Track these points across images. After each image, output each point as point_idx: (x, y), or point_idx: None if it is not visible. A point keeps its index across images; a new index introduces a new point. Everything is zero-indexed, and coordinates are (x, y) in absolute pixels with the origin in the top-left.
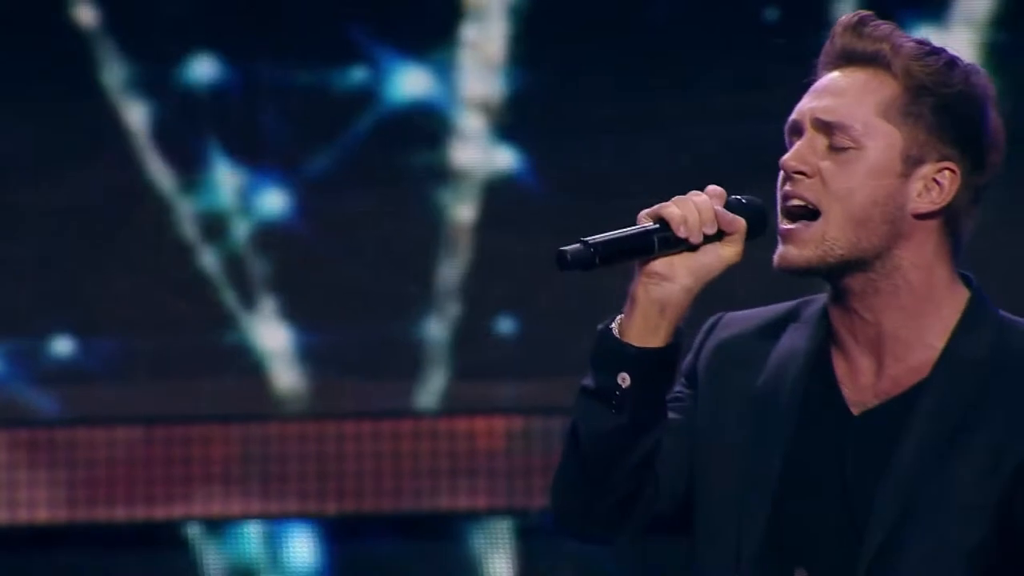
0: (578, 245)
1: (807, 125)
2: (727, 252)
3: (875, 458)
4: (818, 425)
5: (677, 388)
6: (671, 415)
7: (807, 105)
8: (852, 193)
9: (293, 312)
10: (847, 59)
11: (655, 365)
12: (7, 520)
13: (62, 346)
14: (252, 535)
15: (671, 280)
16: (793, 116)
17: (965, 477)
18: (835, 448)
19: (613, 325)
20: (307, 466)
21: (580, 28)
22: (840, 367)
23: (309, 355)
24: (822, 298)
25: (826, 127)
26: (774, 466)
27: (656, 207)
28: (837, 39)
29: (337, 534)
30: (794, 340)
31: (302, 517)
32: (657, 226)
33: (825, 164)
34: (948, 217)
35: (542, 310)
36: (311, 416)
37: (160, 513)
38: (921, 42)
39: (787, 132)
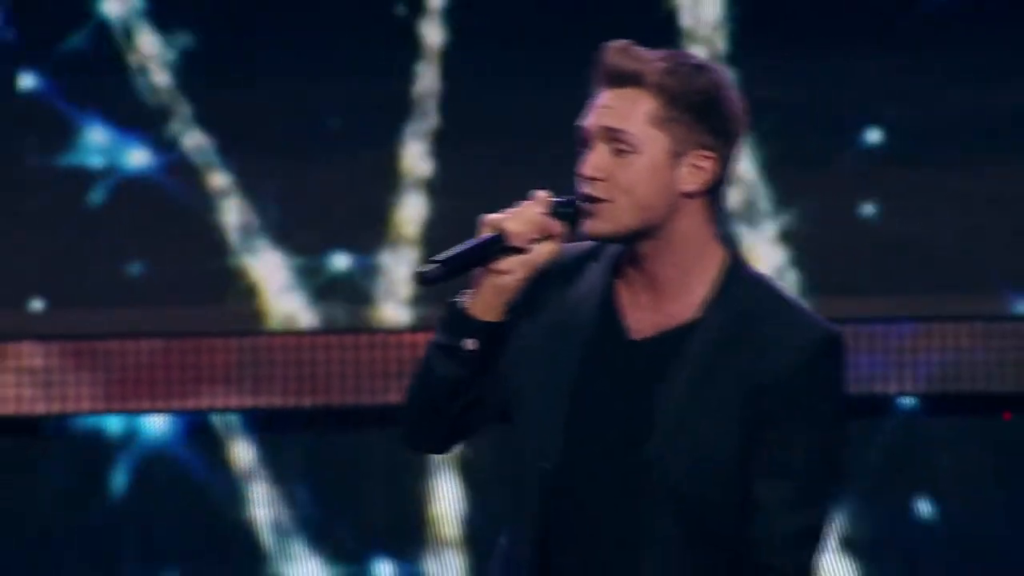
0: (432, 266)
1: (594, 136)
2: (549, 247)
3: (650, 378)
4: (604, 346)
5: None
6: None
7: (592, 120)
8: (635, 186)
9: None
10: (615, 80)
11: (492, 334)
12: (61, 410)
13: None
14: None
15: (508, 274)
16: (585, 128)
17: (721, 397)
18: (617, 367)
19: (461, 300)
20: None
21: None
22: (626, 301)
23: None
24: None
25: (611, 136)
26: (567, 379)
27: (496, 219)
28: (604, 63)
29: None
30: (593, 275)
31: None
32: (495, 237)
33: (612, 167)
34: (711, 191)
35: None
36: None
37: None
38: (669, 57)
39: (578, 141)
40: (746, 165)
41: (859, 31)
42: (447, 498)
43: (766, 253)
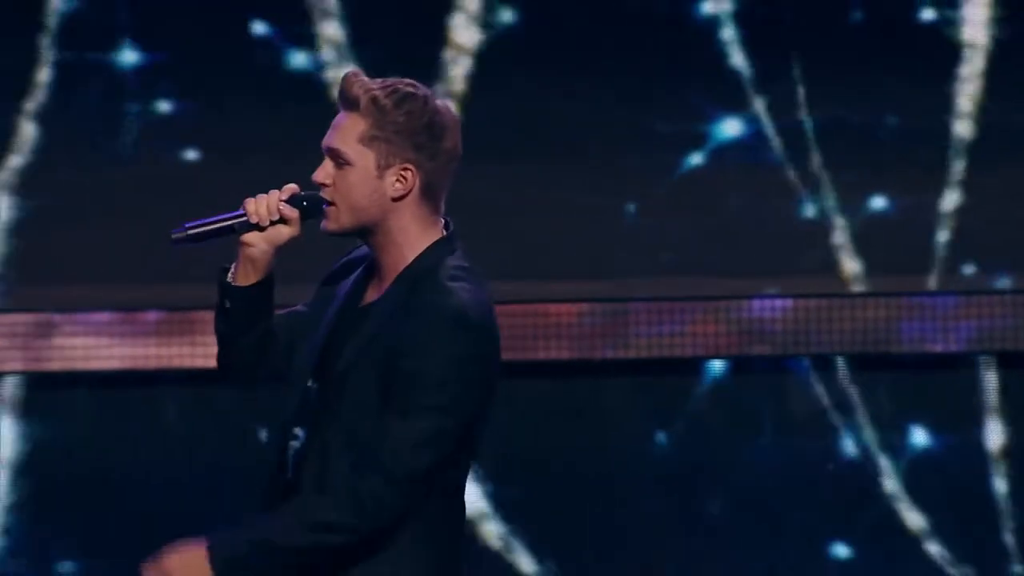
0: (181, 232)
1: (325, 152)
2: (286, 230)
3: (356, 329)
4: (345, 312)
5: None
6: (299, 308)
7: (325, 139)
8: (350, 193)
9: None
10: (344, 104)
11: (246, 296)
12: (106, 367)
13: None
14: None
15: (254, 247)
16: (323, 145)
17: (377, 355)
18: (343, 326)
19: (229, 268)
20: None
21: None
22: (371, 281)
23: None
24: None
25: (332, 153)
26: (321, 335)
27: (246, 201)
28: (339, 90)
29: None
30: (362, 265)
31: None
32: (239, 214)
33: (334, 177)
34: (422, 194)
35: None
36: None
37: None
38: (385, 86)
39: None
40: None
41: None
42: None
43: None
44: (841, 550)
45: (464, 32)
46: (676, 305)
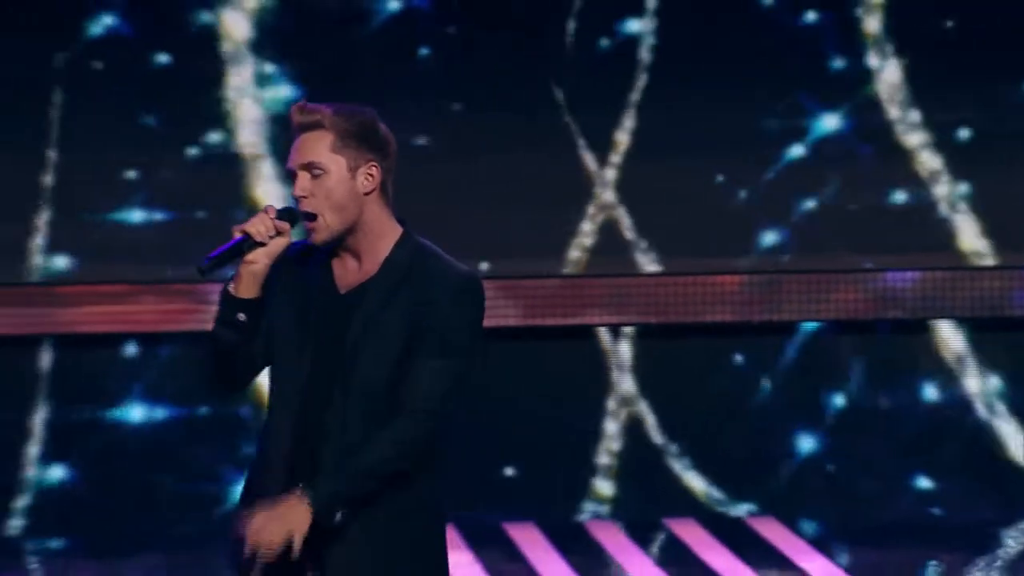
0: (207, 264)
1: (297, 169)
2: (282, 241)
3: (350, 311)
4: (323, 300)
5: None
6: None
7: (294, 159)
8: (331, 196)
9: None
10: (303, 128)
11: (252, 306)
12: None
13: None
14: None
15: (257, 263)
16: (289, 166)
17: (393, 318)
18: (331, 312)
19: (229, 287)
20: None
21: None
22: (337, 269)
23: None
24: None
25: (307, 167)
26: (297, 322)
27: (243, 226)
28: (293, 118)
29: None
30: (318, 255)
31: None
32: (244, 237)
33: (312, 187)
34: (382, 189)
35: None
36: None
37: None
38: (336, 106)
39: (289, 176)
40: None
41: None
42: None
43: None
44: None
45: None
46: (821, 276)
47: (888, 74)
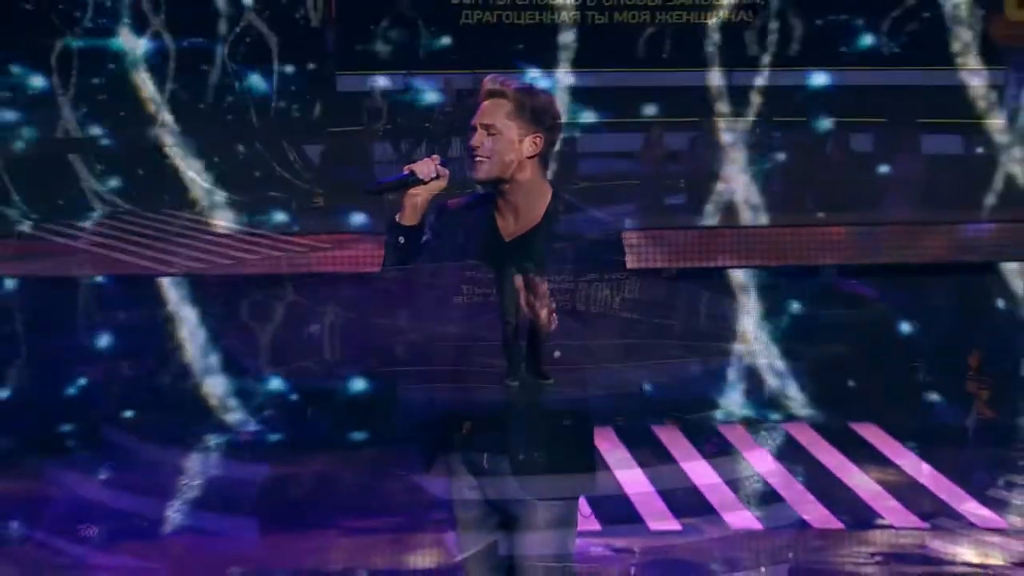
0: (375, 187)
1: (478, 127)
2: (440, 184)
3: (515, 251)
4: (489, 243)
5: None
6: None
7: (477, 118)
8: (501, 153)
9: None
10: (490, 95)
11: (413, 232)
12: None
13: None
14: None
15: (419, 196)
16: (472, 123)
17: (546, 247)
18: (498, 252)
19: (396, 216)
20: None
21: None
22: (500, 218)
23: None
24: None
25: (486, 127)
26: (487, 258)
27: (412, 166)
28: (485, 85)
29: None
30: (484, 203)
31: None
32: (411, 173)
33: (488, 142)
34: (542, 157)
35: None
36: None
37: None
38: (520, 82)
39: (470, 129)
40: None
41: None
42: None
43: None
44: None
45: None
46: (909, 228)
47: None
